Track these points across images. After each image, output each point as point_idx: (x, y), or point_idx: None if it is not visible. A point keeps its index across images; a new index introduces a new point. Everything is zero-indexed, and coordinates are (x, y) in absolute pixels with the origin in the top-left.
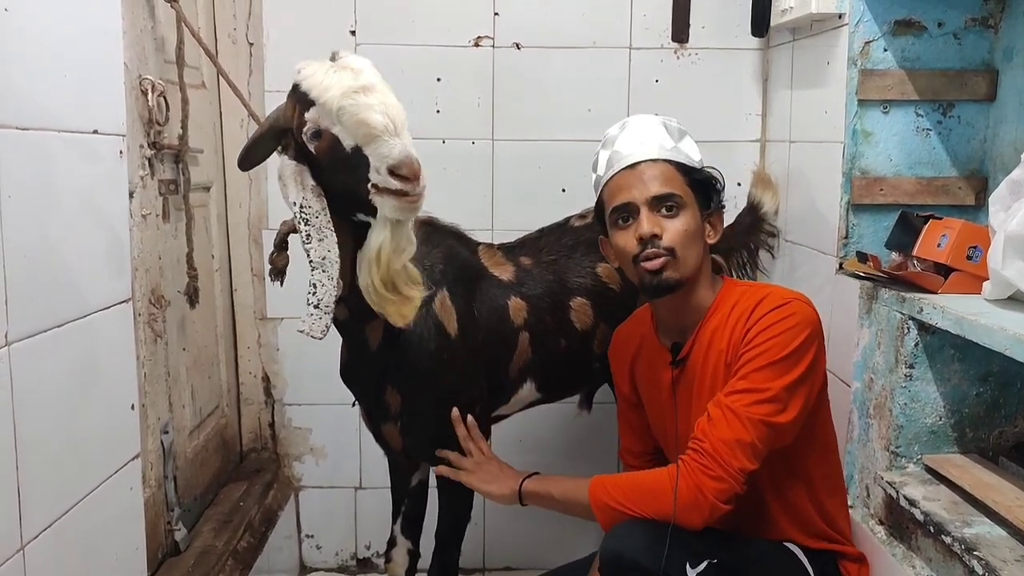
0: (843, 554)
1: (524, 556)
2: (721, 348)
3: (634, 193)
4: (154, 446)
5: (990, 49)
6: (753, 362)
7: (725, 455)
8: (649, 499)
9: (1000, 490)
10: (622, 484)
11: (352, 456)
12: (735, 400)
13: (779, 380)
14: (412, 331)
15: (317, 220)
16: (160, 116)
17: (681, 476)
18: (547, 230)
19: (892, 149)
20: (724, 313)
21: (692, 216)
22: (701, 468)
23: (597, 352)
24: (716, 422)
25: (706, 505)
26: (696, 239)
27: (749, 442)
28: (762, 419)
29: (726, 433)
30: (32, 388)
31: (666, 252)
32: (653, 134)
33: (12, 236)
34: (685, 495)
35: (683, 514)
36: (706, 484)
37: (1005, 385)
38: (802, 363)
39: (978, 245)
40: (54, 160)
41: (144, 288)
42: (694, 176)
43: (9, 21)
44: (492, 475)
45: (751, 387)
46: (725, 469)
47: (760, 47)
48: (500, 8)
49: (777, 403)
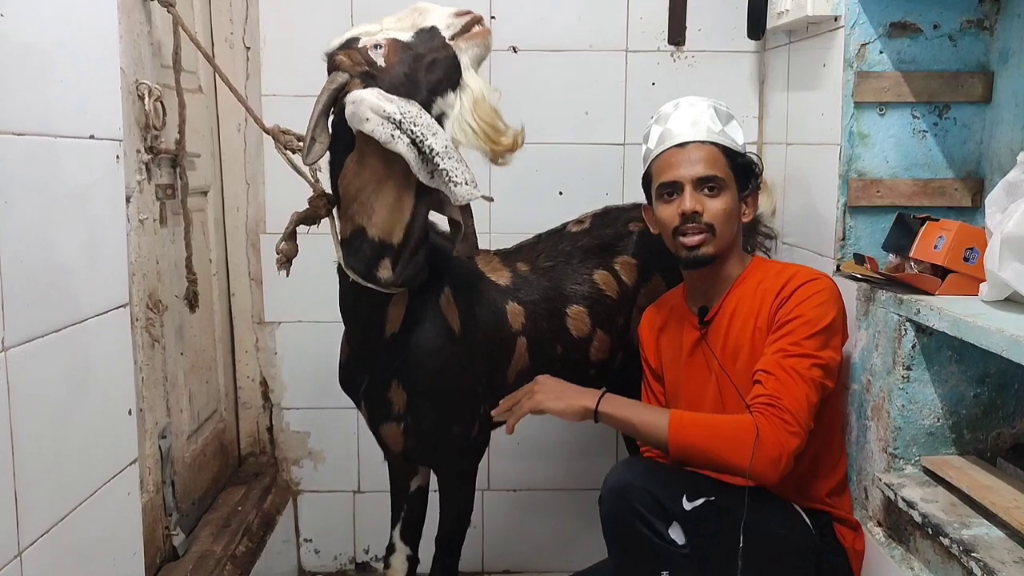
0: (839, 518)
1: (523, 560)
2: (750, 313)
3: (681, 172)
4: (152, 451)
5: (986, 51)
6: (802, 329)
7: (800, 413)
8: (729, 444)
9: (998, 491)
10: (702, 424)
11: (351, 460)
12: (797, 363)
13: (826, 349)
14: (422, 325)
15: (422, 119)
16: (157, 121)
17: (764, 430)
18: (544, 236)
19: (888, 151)
20: (752, 285)
21: (731, 196)
22: (783, 423)
23: (594, 360)
24: (786, 382)
25: (784, 460)
26: (733, 218)
27: (815, 402)
28: (820, 382)
29: (799, 392)
30: (29, 393)
31: (706, 228)
32: (703, 116)
33: (9, 241)
34: (769, 448)
35: (759, 465)
36: (787, 440)
37: (1003, 386)
38: (839, 335)
39: (975, 247)
40: (51, 165)
41: (141, 293)
42: (736, 160)
43: (5, 26)
44: (557, 392)
45: (807, 352)
46: (801, 426)
47: (756, 50)
48: (496, 12)
49: (827, 369)
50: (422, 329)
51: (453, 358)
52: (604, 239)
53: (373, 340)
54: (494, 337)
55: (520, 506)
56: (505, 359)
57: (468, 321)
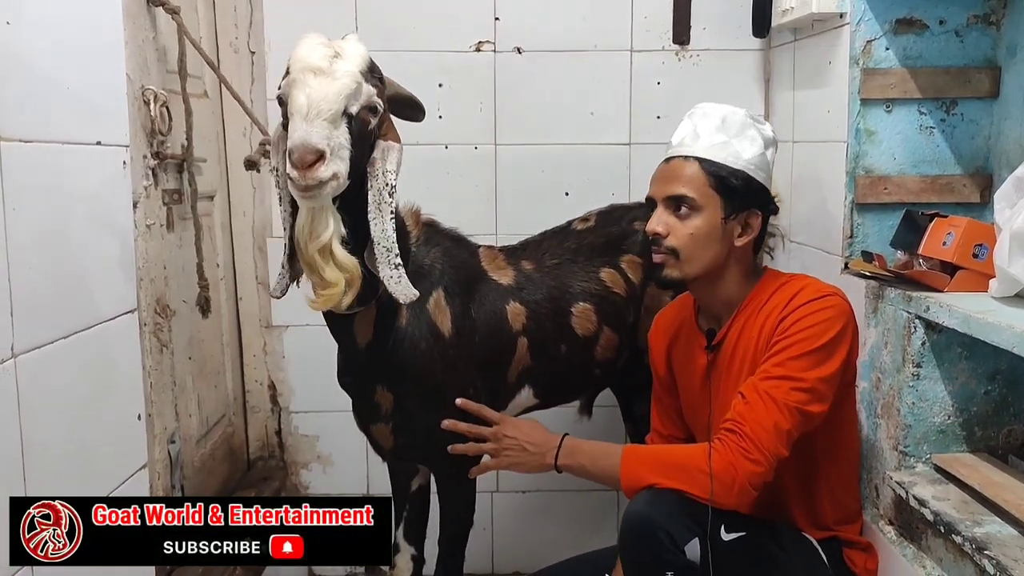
0: (849, 543)
1: (533, 561)
2: (752, 336)
3: (656, 187)
4: (161, 455)
5: (992, 46)
6: (789, 350)
7: (764, 440)
8: (683, 475)
9: (1010, 489)
10: (655, 459)
11: (359, 463)
12: (773, 386)
13: (815, 371)
14: (403, 330)
15: (285, 187)
16: (163, 126)
17: (717, 456)
18: (549, 234)
19: (896, 148)
20: (759, 303)
21: (706, 219)
22: (741, 450)
23: (599, 358)
24: (754, 406)
25: (738, 487)
26: (707, 241)
27: (787, 429)
28: (799, 407)
29: (765, 418)
30: (39, 399)
31: (667, 251)
32: (706, 128)
33: (17, 247)
34: (721, 475)
35: (717, 492)
36: (743, 466)
37: (1013, 383)
38: (836, 355)
39: (984, 243)
40: (58, 172)
41: (149, 298)
42: (724, 178)
43: (12, 34)
44: (518, 454)
45: (788, 375)
46: (763, 453)
47: (762, 48)
48: (501, 13)
49: (813, 393)
50: (402, 335)
51: (438, 360)
52: (610, 237)
53: (351, 350)
54: (492, 338)
55: (529, 507)
56: (505, 360)
57: (462, 323)
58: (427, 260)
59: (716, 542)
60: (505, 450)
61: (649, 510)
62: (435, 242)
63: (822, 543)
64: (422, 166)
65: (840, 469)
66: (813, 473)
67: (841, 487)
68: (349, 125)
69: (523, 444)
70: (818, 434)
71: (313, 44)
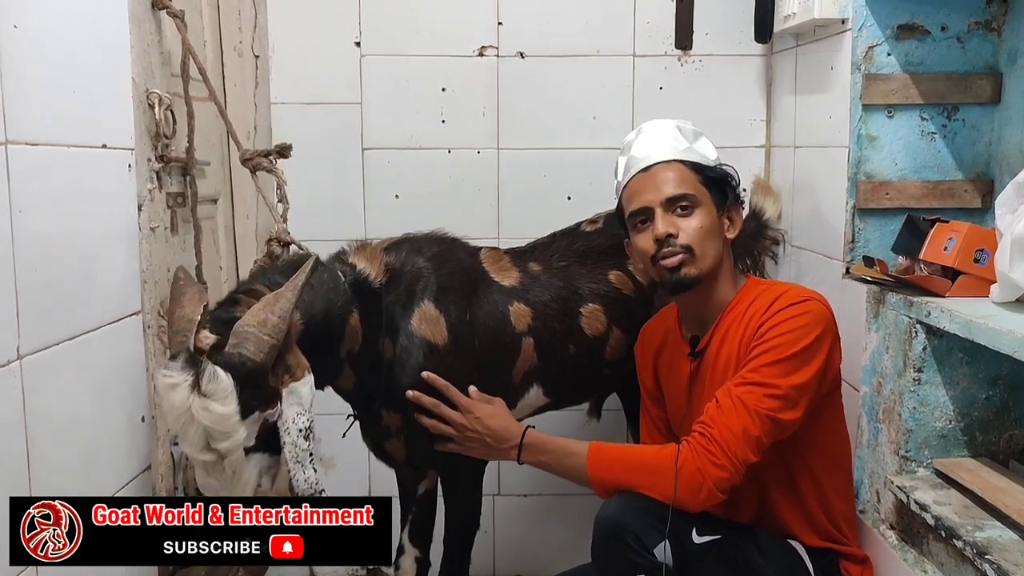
0: (846, 555)
1: (534, 565)
2: (734, 342)
3: (649, 196)
4: (164, 458)
5: (994, 52)
6: (764, 356)
7: (731, 444)
8: (648, 476)
9: (1011, 493)
10: (621, 458)
11: (361, 465)
12: (746, 392)
13: (789, 378)
14: (393, 356)
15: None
16: (167, 129)
17: (684, 458)
18: (558, 235)
19: (897, 153)
20: (742, 309)
21: (707, 213)
22: (707, 454)
23: (609, 358)
24: (725, 410)
25: (704, 491)
26: (712, 235)
27: (756, 435)
28: (770, 414)
29: (735, 423)
30: (43, 401)
31: (683, 250)
32: (666, 137)
33: (23, 250)
34: (686, 478)
35: (681, 494)
36: (708, 470)
37: (1014, 388)
38: (813, 362)
39: (985, 248)
40: (64, 174)
41: (153, 301)
42: (708, 174)
43: (18, 38)
44: (479, 447)
45: (762, 381)
46: (729, 458)
47: (764, 53)
48: (504, 18)
49: (786, 400)
50: (393, 359)
51: (436, 371)
52: (618, 239)
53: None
54: (494, 339)
55: (531, 511)
56: (508, 360)
57: (459, 327)
58: (404, 283)
59: (687, 545)
60: (467, 440)
61: (619, 514)
62: (425, 252)
63: (815, 553)
64: (425, 170)
65: (831, 476)
66: (801, 482)
67: (834, 494)
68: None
69: (484, 437)
70: (802, 442)
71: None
